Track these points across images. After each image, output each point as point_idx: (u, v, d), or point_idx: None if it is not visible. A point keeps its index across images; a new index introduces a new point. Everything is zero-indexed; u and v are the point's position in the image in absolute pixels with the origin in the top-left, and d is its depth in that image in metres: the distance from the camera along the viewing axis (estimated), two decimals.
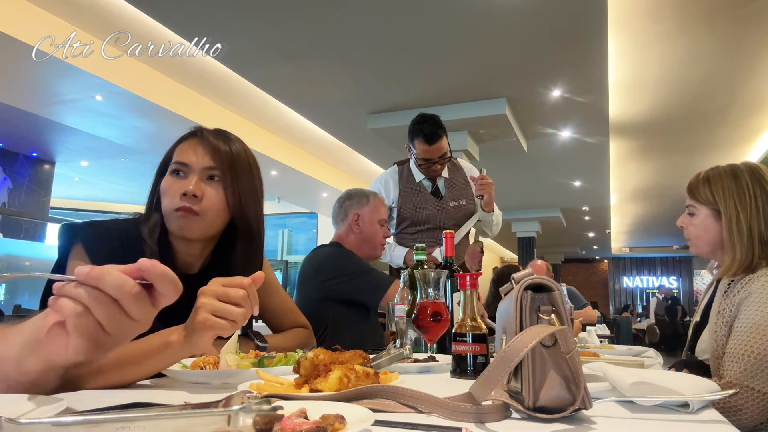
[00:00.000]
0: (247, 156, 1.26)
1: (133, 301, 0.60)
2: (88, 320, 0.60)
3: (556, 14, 4.30)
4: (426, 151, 2.55)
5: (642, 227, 14.47)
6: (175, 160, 1.20)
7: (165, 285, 0.62)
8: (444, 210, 2.65)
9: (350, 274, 2.05)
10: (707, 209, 1.57)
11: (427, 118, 2.58)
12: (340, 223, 2.25)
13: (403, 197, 2.68)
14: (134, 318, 0.61)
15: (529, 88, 5.67)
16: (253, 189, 1.25)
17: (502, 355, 0.66)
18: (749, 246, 1.46)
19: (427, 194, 2.68)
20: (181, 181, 1.18)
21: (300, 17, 4.36)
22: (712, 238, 1.57)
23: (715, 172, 1.60)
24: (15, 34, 4.26)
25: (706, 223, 1.58)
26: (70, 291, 0.60)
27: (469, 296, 1.13)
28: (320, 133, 7.23)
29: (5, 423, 0.41)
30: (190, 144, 1.22)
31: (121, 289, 0.59)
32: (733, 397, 1.29)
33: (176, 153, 1.22)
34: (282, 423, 0.49)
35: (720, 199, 1.53)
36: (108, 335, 0.61)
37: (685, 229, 1.66)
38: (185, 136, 1.25)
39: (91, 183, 9.73)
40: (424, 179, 2.69)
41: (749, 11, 4.38)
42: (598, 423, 0.66)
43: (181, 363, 1.03)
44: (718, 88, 5.80)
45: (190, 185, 1.16)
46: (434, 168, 2.61)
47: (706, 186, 1.58)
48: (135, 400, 0.74)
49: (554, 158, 8.06)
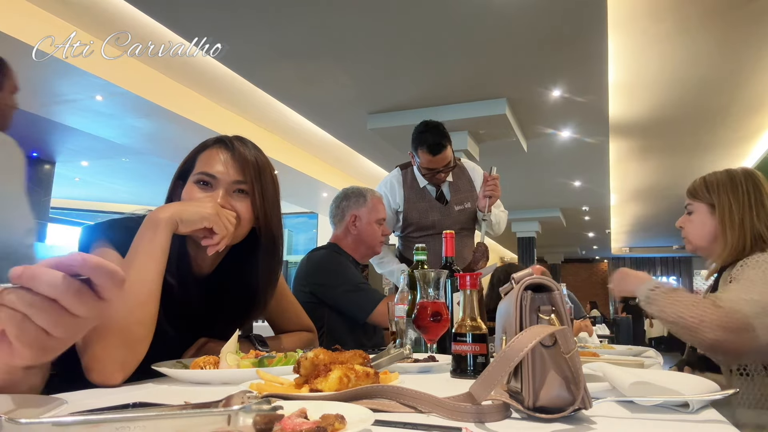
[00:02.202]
0: (268, 164, 1.24)
1: (74, 299, 0.54)
2: (28, 327, 0.54)
3: (556, 14, 4.30)
4: (430, 161, 2.51)
5: (642, 227, 14.46)
6: (201, 170, 1.15)
7: (102, 278, 0.55)
8: (450, 215, 2.63)
9: (339, 286, 2.04)
10: (704, 205, 1.65)
11: (431, 127, 2.51)
12: (337, 224, 2.24)
13: (408, 203, 2.65)
14: (79, 315, 0.55)
15: (529, 88, 5.67)
16: (276, 199, 1.24)
17: (502, 355, 0.66)
18: (740, 235, 1.54)
19: (432, 200, 2.65)
20: (208, 192, 1.14)
21: (300, 17, 4.35)
22: (708, 232, 1.64)
23: (712, 174, 1.69)
24: (15, 34, 4.26)
25: (702, 218, 1.65)
26: (3, 298, 0.54)
27: (469, 296, 1.13)
28: (320, 133, 7.23)
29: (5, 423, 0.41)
30: (216, 153, 1.17)
31: (57, 289, 0.53)
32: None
33: (201, 161, 1.17)
34: (282, 423, 0.49)
35: (715, 194, 1.62)
36: (54, 338, 0.56)
37: (683, 228, 1.73)
38: (210, 144, 1.21)
39: (91, 183, 9.73)
40: (429, 184, 2.66)
41: (749, 11, 4.38)
42: (598, 423, 0.66)
43: (181, 363, 1.04)
44: (717, 88, 5.80)
45: (219, 199, 1.13)
46: (438, 177, 2.58)
47: (703, 186, 1.67)
48: (135, 400, 0.74)
49: (554, 158, 8.06)
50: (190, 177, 1.17)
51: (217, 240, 1.09)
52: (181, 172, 1.21)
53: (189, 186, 1.16)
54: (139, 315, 0.97)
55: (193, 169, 1.18)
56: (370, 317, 1.97)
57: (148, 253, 1.01)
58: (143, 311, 0.98)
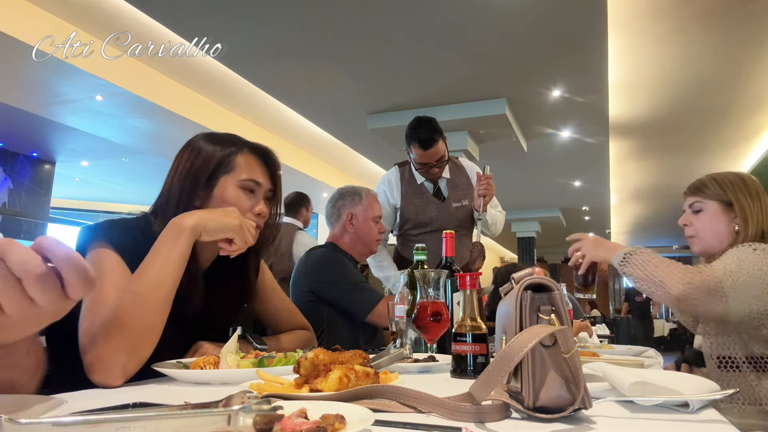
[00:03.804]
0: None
1: (36, 283, 0.52)
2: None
3: (555, 14, 4.30)
4: (422, 155, 2.52)
5: (642, 227, 14.47)
6: (250, 177, 1.22)
7: (70, 272, 0.53)
8: (447, 212, 2.64)
9: (339, 284, 2.04)
10: (716, 203, 1.60)
11: (423, 122, 2.53)
12: (334, 223, 2.24)
13: (406, 199, 2.67)
14: (37, 302, 0.53)
15: (529, 88, 5.67)
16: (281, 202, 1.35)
17: (502, 355, 0.66)
18: (757, 233, 1.52)
19: (430, 196, 2.66)
20: (252, 198, 1.23)
21: (300, 17, 4.35)
22: (721, 230, 1.59)
23: (719, 173, 1.65)
24: (15, 34, 4.26)
25: (717, 216, 1.60)
26: None
27: (469, 296, 1.13)
28: (320, 133, 7.23)
29: (5, 423, 0.40)
30: (259, 161, 1.26)
31: (23, 267, 0.51)
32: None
33: (245, 167, 1.22)
34: (282, 423, 0.49)
35: (731, 192, 1.58)
36: (5, 316, 0.53)
37: (689, 226, 1.67)
38: (251, 150, 1.26)
39: (91, 183, 9.72)
40: (426, 181, 2.67)
41: (748, 11, 4.38)
42: (598, 423, 0.66)
43: (181, 363, 1.03)
44: (717, 87, 5.80)
45: (261, 205, 1.23)
46: (432, 172, 2.59)
47: (714, 183, 1.62)
48: (135, 400, 0.74)
49: (554, 158, 8.06)
50: (228, 178, 1.21)
51: (235, 249, 1.13)
52: (213, 169, 1.20)
53: (234, 190, 1.21)
54: (150, 320, 0.97)
55: (225, 168, 1.21)
56: (369, 316, 1.98)
57: (167, 259, 1.01)
58: (155, 317, 0.98)
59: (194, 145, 1.24)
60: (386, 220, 2.63)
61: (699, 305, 1.38)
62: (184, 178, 1.20)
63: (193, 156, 1.22)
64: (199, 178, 1.20)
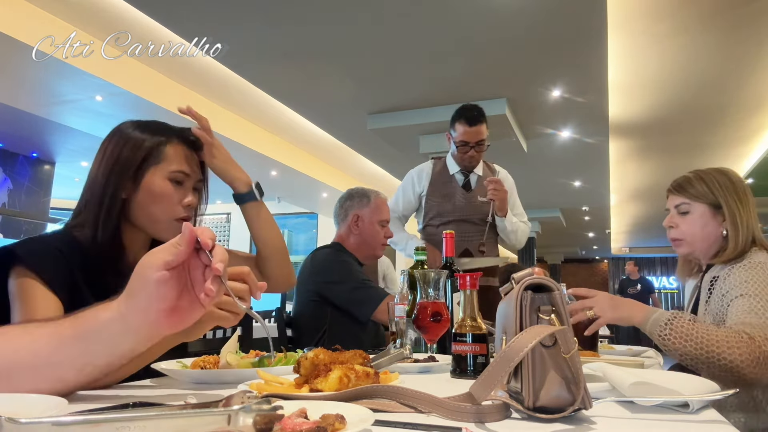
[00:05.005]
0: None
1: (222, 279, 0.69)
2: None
3: (555, 15, 4.30)
4: (466, 132, 2.61)
5: (642, 227, 14.45)
6: (178, 168, 1.18)
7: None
8: (471, 203, 2.70)
9: (343, 284, 2.05)
10: (704, 205, 1.54)
11: (471, 106, 2.69)
12: (340, 223, 2.25)
13: (433, 186, 2.76)
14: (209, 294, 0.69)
15: (529, 88, 5.67)
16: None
17: (502, 355, 0.66)
18: (747, 236, 1.48)
19: (458, 186, 2.75)
20: (180, 189, 1.19)
21: (300, 17, 4.35)
22: (710, 233, 1.54)
23: (705, 171, 1.58)
24: (15, 34, 4.26)
25: (704, 219, 1.54)
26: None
27: (469, 296, 1.13)
28: (320, 134, 7.23)
29: (5, 423, 0.41)
30: (186, 151, 1.21)
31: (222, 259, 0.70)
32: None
33: (174, 158, 1.18)
34: (282, 423, 0.49)
35: (720, 194, 1.52)
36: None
37: (675, 228, 1.61)
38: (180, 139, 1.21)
39: None
40: (458, 172, 2.75)
41: (748, 11, 4.38)
42: (598, 423, 0.66)
43: (181, 363, 1.03)
44: (717, 88, 5.80)
45: (190, 196, 1.20)
46: (470, 155, 2.66)
47: (700, 182, 1.56)
48: (135, 400, 0.74)
49: (554, 158, 8.06)
50: (156, 170, 1.16)
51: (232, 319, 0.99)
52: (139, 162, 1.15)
53: (162, 182, 1.16)
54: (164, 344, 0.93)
55: (155, 160, 1.16)
56: (375, 313, 1.98)
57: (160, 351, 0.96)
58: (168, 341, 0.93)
59: (122, 132, 1.20)
60: (406, 206, 2.78)
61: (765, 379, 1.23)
62: (111, 167, 1.16)
63: (121, 144, 1.18)
64: (127, 168, 1.15)
